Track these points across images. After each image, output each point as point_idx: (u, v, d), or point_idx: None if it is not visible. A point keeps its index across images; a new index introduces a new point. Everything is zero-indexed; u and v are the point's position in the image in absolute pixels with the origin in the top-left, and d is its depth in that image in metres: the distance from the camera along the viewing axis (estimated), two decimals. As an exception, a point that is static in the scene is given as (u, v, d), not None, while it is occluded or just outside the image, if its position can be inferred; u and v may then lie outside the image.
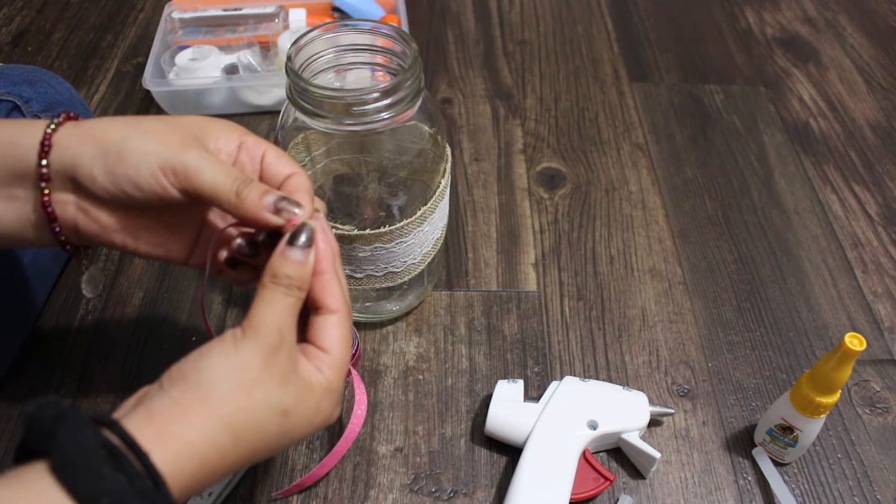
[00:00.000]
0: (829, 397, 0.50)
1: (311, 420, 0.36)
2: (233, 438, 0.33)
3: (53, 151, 0.37)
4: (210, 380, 0.33)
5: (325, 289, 0.38)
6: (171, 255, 0.43)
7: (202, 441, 0.32)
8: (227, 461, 0.33)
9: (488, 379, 0.61)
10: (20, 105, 0.60)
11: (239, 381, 0.33)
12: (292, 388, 0.35)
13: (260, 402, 0.34)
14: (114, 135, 0.37)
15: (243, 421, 0.33)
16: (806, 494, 0.55)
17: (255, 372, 0.34)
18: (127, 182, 0.37)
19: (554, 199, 0.77)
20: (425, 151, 0.55)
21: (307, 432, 0.36)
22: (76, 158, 0.37)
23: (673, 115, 0.89)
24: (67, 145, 0.37)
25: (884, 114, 0.90)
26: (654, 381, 0.61)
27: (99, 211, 0.39)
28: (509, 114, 0.88)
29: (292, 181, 0.40)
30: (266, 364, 0.34)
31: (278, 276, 0.36)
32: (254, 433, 0.34)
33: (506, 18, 1.05)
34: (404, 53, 0.51)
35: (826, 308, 0.68)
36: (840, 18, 1.07)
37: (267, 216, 0.37)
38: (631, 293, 0.68)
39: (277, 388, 0.34)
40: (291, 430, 0.35)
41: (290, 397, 0.35)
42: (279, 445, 0.35)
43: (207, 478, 0.33)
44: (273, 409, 0.34)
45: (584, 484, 0.52)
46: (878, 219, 0.77)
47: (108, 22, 1.02)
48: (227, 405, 0.33)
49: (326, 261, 0.38)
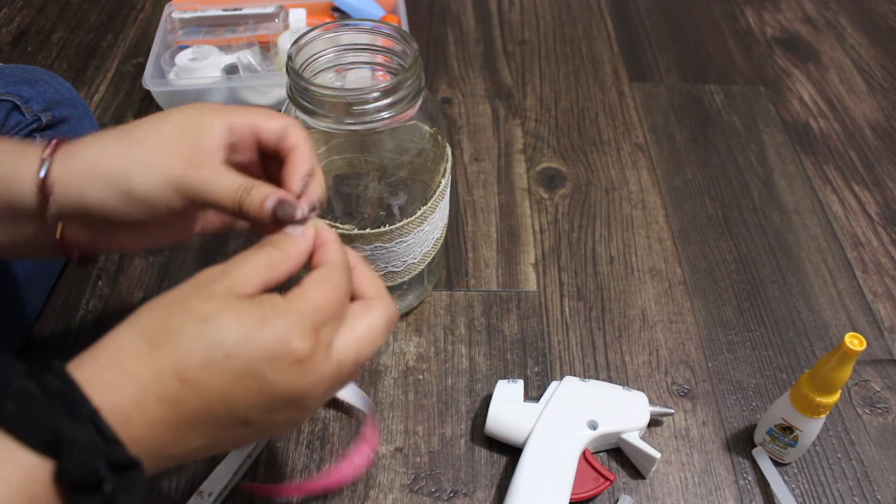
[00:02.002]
0: (829, 397, 0.50)
1: (252, 333, 0.31)
2: (148, 342, 0.30)
3: (56, 191, 0.37)
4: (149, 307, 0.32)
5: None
6: (183, 239, 0.44)
7: (115, 345, 0.31)
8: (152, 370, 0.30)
9: (488, 379, 0.61)
10: (20, 105, 0.60)
11: (172, 299, 0.32)
12: (228, 300, 0.32)
13: (187, 311, 0.31)
14: (114, 166, 0.37)
15: (158, 322, 0.31)
16: (806, 494, 0.55)
17: (194, 295, 0.32)
18: (142, 209, 0.37)
19: (554, 199, 0.77)
20: (425, 151, 0.55)
21: (251, 349, 0.31)
22: (84, 198, 0.37)
23: (673, 115, 0.89)
24: (70, 182, 0.37)
25: (884, 114, 0.90)
26: (654, 381, 0.61)
27: (114, 232, 0.39)
28: (509, 114, 0.88)
29: (294, 158, 0.39)
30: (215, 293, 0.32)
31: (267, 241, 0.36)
32: (174, 338, 0.31)
33: (506, 18, 1.05)
34: (404, 53, 0.51)
35: (826, 308, 0.68)
36: (840, 18, 1.07)
37: (269, 220, 0.37)
38: (631, 293, 0.68)
39: (205, 299, 0.32)
40: (218, 333, 0.31)
41: (214, 305, 0.31)
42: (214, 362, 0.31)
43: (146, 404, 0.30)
44: (194, 314, 0.31)
45: (584, 484, 0.52)
46: (878, 219, 0.77)
47: (108, 22, 1.02)
48: (146, 318, 0.31)
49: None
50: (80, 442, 0.27)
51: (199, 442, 0.32)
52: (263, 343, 0.31)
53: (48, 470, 0.27)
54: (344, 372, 0.34)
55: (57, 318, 0.64)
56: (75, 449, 0.27)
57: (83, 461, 0.27)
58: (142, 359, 0.30)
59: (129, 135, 0.38)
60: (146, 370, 0.30)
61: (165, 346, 0.30)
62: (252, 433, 0.33)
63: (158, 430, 0.30)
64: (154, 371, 0.30)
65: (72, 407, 0.28)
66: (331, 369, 0.33)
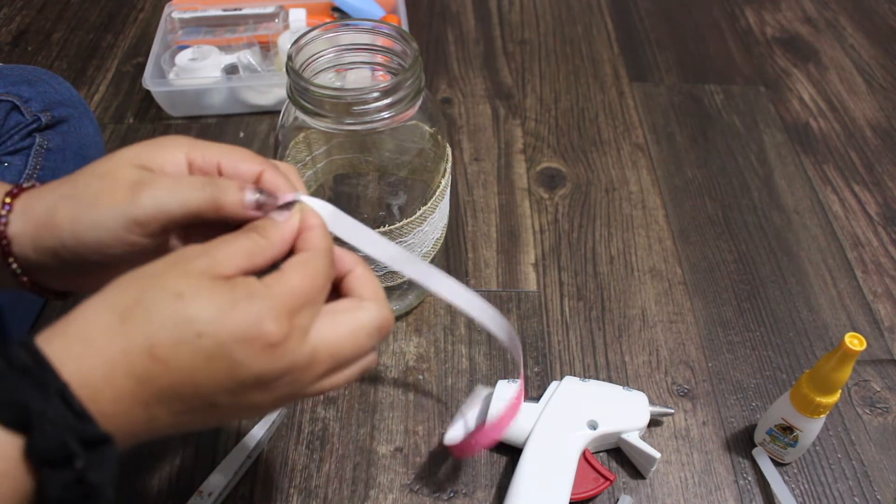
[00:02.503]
0: (829, 397, 0.50)
1: (226, 314, 0.30)
2: (119, 316, 0.30)
3: (14, 248, 0.35)
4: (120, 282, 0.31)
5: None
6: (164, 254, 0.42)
7: (84, 318, 0.30)
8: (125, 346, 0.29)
9: (488, 379, 0.61)
10: (20, 105, 0.60)
11: (143, 273, 0.31)
12: (204, 280, 0.31)
13: (161, 287, 0.30)
14: (62, 220, 0.34)
15: (130, 296, 0.30)
16: (806, 494, 0.55)
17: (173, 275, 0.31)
18: (97, 254, 0.35)
19: (554, 199, 0.77)
20: (425, 151, 0.55)
21: (222, 330, 0.30)
22: (39, 254, 0.35)
23: (673, 115, 0.89)
24: (25, 243, 0.35)
25: (884, 114, 0.90)
26: (654, 381, 0.61)
27: (83, 277, 0.37)
28: (509, 114, 0.88)
29: (266, 179, 0.37)
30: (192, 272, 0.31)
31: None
32: (145, 313, 0.30)
33: (506, 18, 1.05)
34: (404, 53, 0.51)
35: (826, 308, 0.68)
36: (840, 18, 1.07)
37: (253, 214, 0.36)
38: (631, 293, 0.68)
39: (180, 277, 0.31)
40: (191, 311, 0.30)
41: (190, 283, 0.31)
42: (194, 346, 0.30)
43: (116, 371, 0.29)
44: (168, 291, 0.30)
45: (584, 484, 0.52)
46: (878, 219, 0.77)
47: (108, 22, 1.02)
48: (118, 292, 0.31)
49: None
50: (50, 417, 0.27)
51: (167, 420, 0.31)
52: (236, 324, 0.30)
53: (17, 446, 0.27)
54: (318, 362, 0.33)
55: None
56: (45, 424, 0.27)
57: (53, 436, 0.27)
58: (112, 333, 0.30)
59: (75, 179, 0.35)
60: (116, 345, 0.29)
61: (137, 320, 0.30)
62: (219, 415, 0.33)
63: (127, 406, 0.30)
64: (124, 346, 0.29)
65: (40, 381, 0.27)
66: (304, 356, 0.32)
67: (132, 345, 0.29)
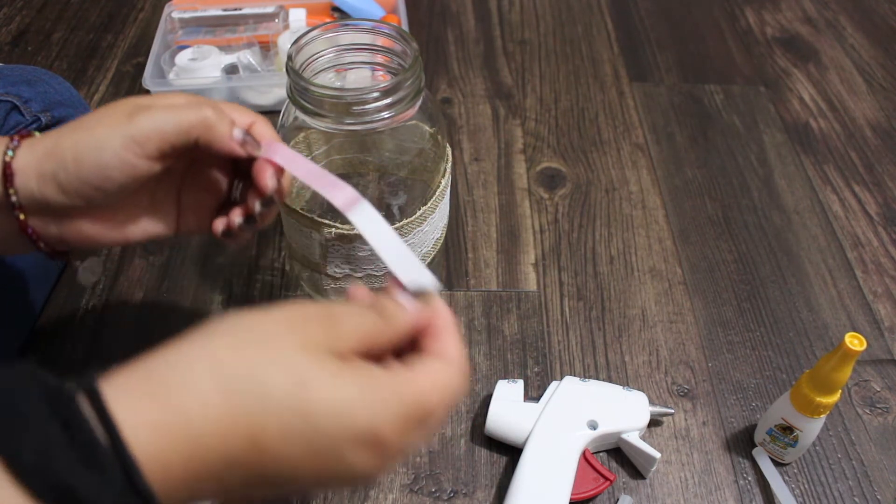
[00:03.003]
0: (829, 397, 0.50)
1: (347, 411, 0.27)
2: (224, 388, 0.26)
3: (17, 179, 0.36)
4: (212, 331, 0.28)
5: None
6: (160, 233, 0.43)
7: (178, 377, 0.26)
8: (214, 427, 0.25)
9: (488, 379, 0.61)
10: (19, 105, 0.60)
11: (247, 330, 0.28)
12: (327, 360, 0.28)
13: (282, 364, 0.27)
14: (65, 144, 0.37)
15: (242, 364, 0.26)
16: (806, 494, 0.55)
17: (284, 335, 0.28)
18: (97, 178, 0.36)
19: (554, 199, 0.77)
20: (425, 151, 0.55)
21: (341, 429, 0.27)
22: (41, 183, 0.36)
23: (673, 115, 0.89)
24: (29, 172, 0.36)
25: (884, 114, 0.90)
26: (654, 381, 0.61)
27: (80, 221, 0.39)
28: (509, 114, 0.88)
29: (255, 128, 0.41)
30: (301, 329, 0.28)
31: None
32: (259, 392, 0.26)
33: (506, 18, 1.05)
34: (404, 53, 0.51)
35: (826, 308, 0.68)
36: (840, 18, 1.07)
37: (235, 148, 0.39)
38: (631, 293, 0.68)
39: (303, 353, 0.28)
40: (312, 404, 0.27)
41: (313, 367, 0.27)
42: (301, 442, 0.27)
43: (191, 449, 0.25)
44: (290, 372, 0.27)
45: (584, 484, 0.52)
46: (878, 219, 0.77)
47: (108, 22, 1.02)
48: (227, 354, 0.27)
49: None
50: None
51: (237, 493, 0.28)
52: (356, 426, 0.27)
53: None
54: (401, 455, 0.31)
55: (57, 318, 0.64)
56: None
57: None
58: (212, 409, 0.25)
59: (84, 117, 0.38)
60: (214, 424, 0.25)
61: (246, 401, 0.26)
62: (288, 492, 0.32)
63: (199, 484, 0.26)
64: (225, 429, 0.25)
65: (101, 459, 0.23)
66: (396, 455, 0.30)
67: (235, 428, 0.26)
